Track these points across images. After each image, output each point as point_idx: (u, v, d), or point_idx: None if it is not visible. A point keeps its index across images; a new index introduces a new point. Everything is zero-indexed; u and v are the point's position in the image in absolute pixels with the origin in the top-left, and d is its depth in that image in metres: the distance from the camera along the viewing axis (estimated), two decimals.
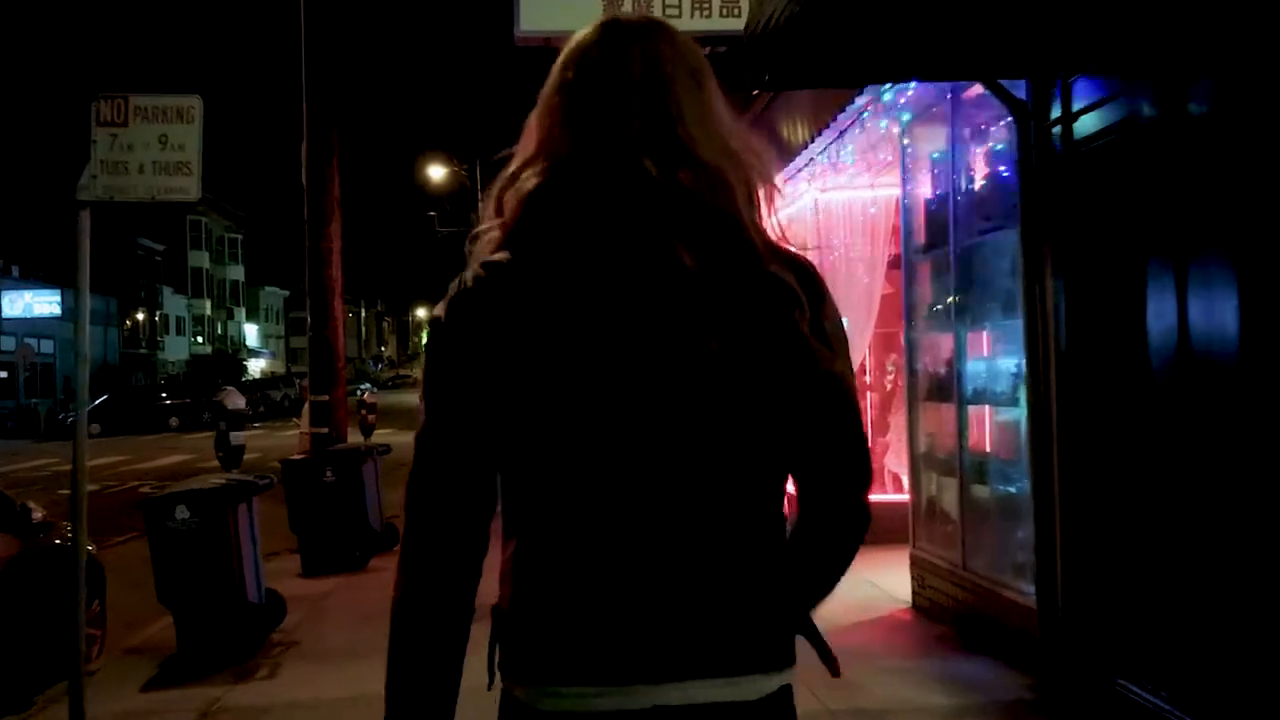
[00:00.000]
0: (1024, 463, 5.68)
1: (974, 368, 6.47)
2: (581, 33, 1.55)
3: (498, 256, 1.46)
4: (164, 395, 44.68)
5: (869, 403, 10.18)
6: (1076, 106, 5.03)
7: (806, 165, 8.45)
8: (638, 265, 1.42)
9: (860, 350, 9.96)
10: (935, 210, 6.88)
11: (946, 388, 6.75)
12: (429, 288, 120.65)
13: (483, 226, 1.52)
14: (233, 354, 69.49)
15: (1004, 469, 6.12)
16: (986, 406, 6.34)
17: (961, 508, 6.52)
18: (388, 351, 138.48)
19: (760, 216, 1.50)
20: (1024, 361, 5.55)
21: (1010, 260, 5.84)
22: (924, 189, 7.12)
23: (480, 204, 1.69)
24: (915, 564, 7.21)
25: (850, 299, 9.93)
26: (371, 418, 13.61)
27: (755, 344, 1.42)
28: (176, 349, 64.70)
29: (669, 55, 1.50)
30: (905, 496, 10.05)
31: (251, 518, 7.34)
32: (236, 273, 74.78)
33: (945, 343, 6.84)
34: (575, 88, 1.50)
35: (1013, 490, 5.99)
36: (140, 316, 59.35)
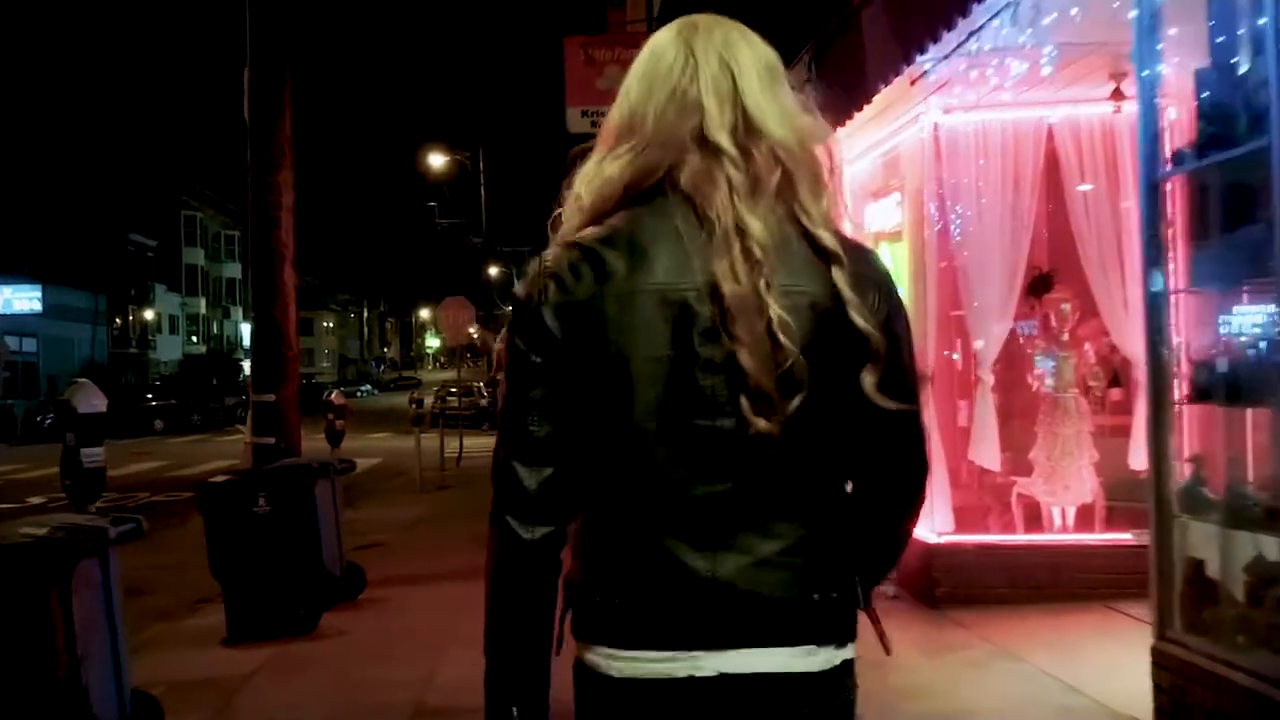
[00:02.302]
0: None
1: None
2: (660, 34, 1.66)
3: (580, 236, 1.56)
4: (149, 397, 42.87)
5: (981, 409, 7.41)
6: None
7: (948, 57, 5.72)
8: (712, 246, 1.51)
9: (1000, 339, 7.25)
10: (1223, 91, 4.14)
11: (1251, 383, 4.01)
12: (431, 288, 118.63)
13: (563, 210, 1.62)
14: (228, 354, 66.98)
15: None
16: None
17: None
18: (390, 353, 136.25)
19: (826, 203, 1.58)
20: None
21: None
22: (1192, 57, 4.37)
23: (561, 191, 1.64)
24: (1165, 664, 4.48)
25: (986, 270, 7.22)
26: (340, 424, 10.85)
27: (813, 318, 1.51)
28: (169, 348, 62.23)
29: (746, 56, 1.61)
30: (1047, 538, 7.41)
31: (107, 583, 4.65)
32: (233, 270, 71.89)
33: (1249, 308, 4.13)
34: (657, 88, 1.60)
35: None
36: (131, 315, 56.83)
